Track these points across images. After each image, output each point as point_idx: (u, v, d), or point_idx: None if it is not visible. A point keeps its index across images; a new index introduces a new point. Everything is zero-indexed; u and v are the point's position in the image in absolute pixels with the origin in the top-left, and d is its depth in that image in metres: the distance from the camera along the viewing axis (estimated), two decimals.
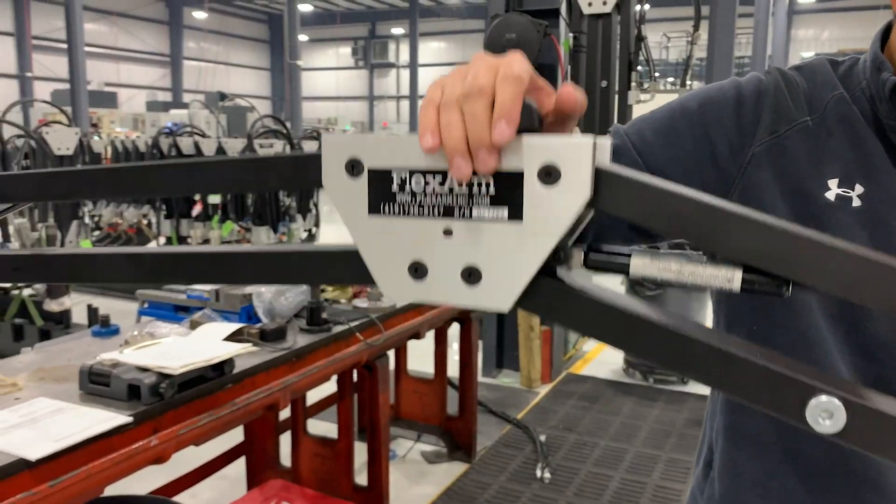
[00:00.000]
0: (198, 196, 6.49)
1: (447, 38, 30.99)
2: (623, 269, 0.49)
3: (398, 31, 31.26)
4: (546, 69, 4.18)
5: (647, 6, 4.60)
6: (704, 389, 5.01)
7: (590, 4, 3.87)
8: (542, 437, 3.88)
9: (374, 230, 0.50)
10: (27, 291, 5.10)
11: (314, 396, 3.13)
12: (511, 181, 0.46)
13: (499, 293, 0.47)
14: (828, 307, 0.85)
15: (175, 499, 2.61)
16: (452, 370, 3.73)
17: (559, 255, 0.48)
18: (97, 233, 7.54)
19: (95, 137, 7.73)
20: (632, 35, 4.20)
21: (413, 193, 0.48)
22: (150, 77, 27.72)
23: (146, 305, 2.74)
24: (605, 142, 0.46)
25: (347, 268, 0.53)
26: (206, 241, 6.42)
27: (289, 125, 6.81)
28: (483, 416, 4.03)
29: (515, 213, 0.46)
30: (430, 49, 30.76)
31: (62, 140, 5.04)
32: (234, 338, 2.16)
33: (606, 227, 0.80)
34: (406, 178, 0.48)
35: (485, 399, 4.28)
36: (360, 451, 2.88)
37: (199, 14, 28.04)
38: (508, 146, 0.46)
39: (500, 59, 0.48)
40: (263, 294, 2.47)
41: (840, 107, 0.86)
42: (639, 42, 4.31)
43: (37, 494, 1.43)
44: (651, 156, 0.89)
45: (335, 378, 2.71)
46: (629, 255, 0.49)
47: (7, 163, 4.97)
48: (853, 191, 0.83)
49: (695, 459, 1.09)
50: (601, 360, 5.31)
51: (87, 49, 18.09)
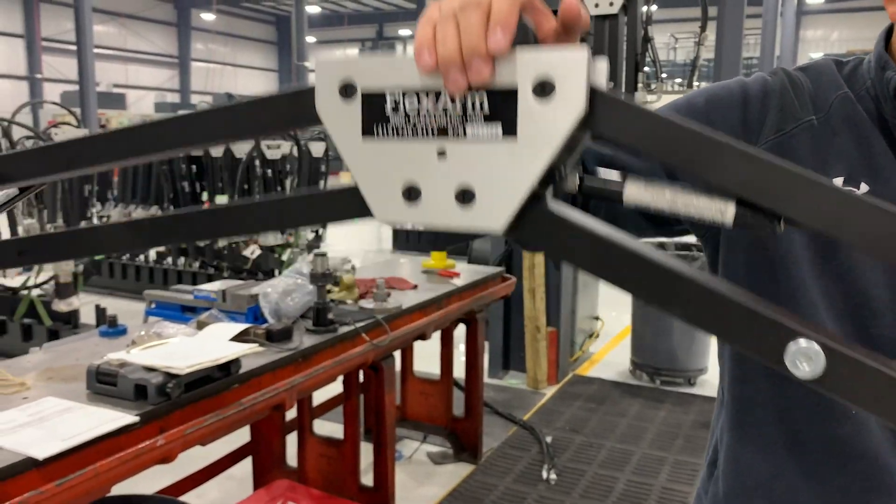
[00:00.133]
0: (205, 197, 6.53)
1: None
2: (616, 196, 0.49)
3: (406, 33, 31.29)
4: None
5: (655, 7, 4.59)
6: (712, 391, 4.97)
7: (596, 5, 3.86)
8: (549, 439, 3.87)
9: (368, 154, 0.49)
10: (36, 292, 5.14)
11: (320, 397, 3.14)
12: (505, 98, 0.45)
13: (492, 213, 0.47)
14: (834, 304, 0.85)
15: (181, 498, 2.62)
16: (458, 371, 3.73)
17: (555, 177, 0.47)
18: None
19: None
20: (638, 36, 4.19)
21: (407, 114, 0.48)
22: (159, 78, 27.86)
23: (153, 306, 2.75)
24: (602, 63, 0.45)
25: (346, 204, 0.52)
26: (214, 242, 6.45)
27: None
28: (489, 418, 4.03)
29: (509, 130, 0.45)
30: None
31: None
32: (241, 338, 2.16)
33: (620, 216, 0.80)
34: (400, 99, 0.48)
35: (491, 400, 4.28)
36: (366, 452, 2.88)
37: (207, 16, 28.16)
38: (503, 60, 0.45)
39: None
40: (270, 295, 2.48)
41: (845, 106, 0.86)
42: (645, 43, 4.31)
43: (44, 493, 1.44)
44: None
45: (341, 379, 2.72)
46: (623, 182, 0.48)
47: None
48: (858, 189, 0.83)
49: (703, 462, 1.09)
50: (608, 362, 5.30)
51: (96, 50, 18.21)
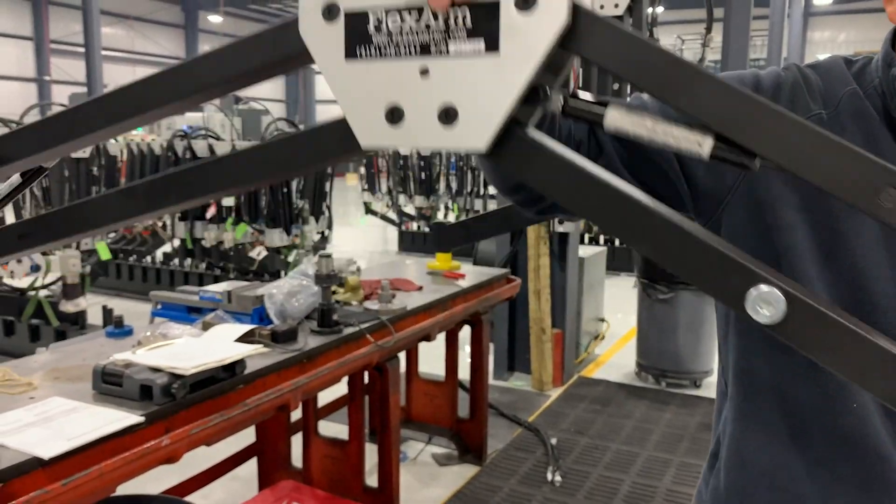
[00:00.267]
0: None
1: None
2: (598, 120, 0.49)
3: None
4: None
5: (661, 9, 4.58)
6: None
7: (601, 7, 3.86)
8: (554, 441, 3.87)
9: (351, 76, 0.49)
10: (44, 293, 5.16)
11: (325, 398, 3.14)
12: (488, 11, 0.45)
13: (475, 132, 0.47)
14: (839, 298, 0.85)
15: (187, 498, 2.63)
16: (463, 372, 3.73)
17: (539, 96, 0.47)
18: (113, 234, 7.63)
19: (111, 140, 7.80)
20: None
21: (389, 33, 0.48)
22: None
23: (159, 307, 2.76)
24: None
25: (331, 139, 0.52)
26: (220, 244, 6.47)
27: (302, 128, 6.86)
28: (494, 419, 4.03)
29: (492, 45, 0.45)
30: None
31: None
32: (246, 339, 2.17)
33: (601, 134, 0.85)
34: (382, 18, 0.48)
35: (496, 402, 4.28)
36: (371, 453, 2.88)
37: (215, 18, 28.25)
38: None
39: None
40: (275, 296, 2.49)
41: (854, 101, 0.87)
42: None
43: (50, 493, 1.45)
44: None
45: (346, 380, 2.72)
46: (606, 106, 0.48)
47: None
48: None
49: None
50: (613, 364, 5.29)
51: (104, 53, 18.28)
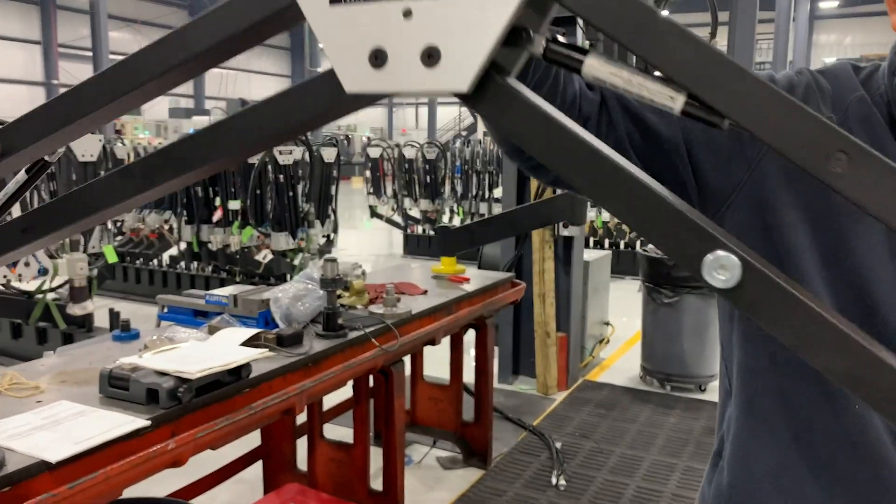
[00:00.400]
0: (218, 202, 6.57)
1: None
2: (576, 67, 0.49)
3: None
4: None
5: (666, 13, 4.59)
6: None
7: None
8: (558, 445, 3.87)
9: (336, 21, 0.49)
10: (51, 296, 5.19)
11: (330, 401, 3.16)
12: None
13: (458, 73, 0.47)
14: (840, 297, 0.86)
15: (192, 502, 2.64)
16: (468, 376, 3.73)
17: (521, 37, 0.48)
18: (120, 238, 7.66)
19: (119, 144, 7.84)
20: None
21: None
22: None
23: (166, 310, 2.77)
24: None
25: (320, 91, 0.52)
26: (226, 247, 6.50)
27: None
28: (499, 423, 4.03)
29: None
30: None
31: (86, 146, 5.07)
32: (252, 343, 2.18)
33: (613, 113, 0.89)
34: None
35: (501, 405, 4.29)
36: (376, 457, 2.89)
37: None
38: None
39: None
40: (281, 300, 2.50)
41: (861, 108, 0.88)
42: None
43: (57, 496, 1.45)
44: (691, 132, 0.91)
45: (351, 383, 2.73)
46: (586, 53, 0.49)
47: None
48: None
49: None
50: (618, 368, 5.29)
51: (112, 56, 18.38)
